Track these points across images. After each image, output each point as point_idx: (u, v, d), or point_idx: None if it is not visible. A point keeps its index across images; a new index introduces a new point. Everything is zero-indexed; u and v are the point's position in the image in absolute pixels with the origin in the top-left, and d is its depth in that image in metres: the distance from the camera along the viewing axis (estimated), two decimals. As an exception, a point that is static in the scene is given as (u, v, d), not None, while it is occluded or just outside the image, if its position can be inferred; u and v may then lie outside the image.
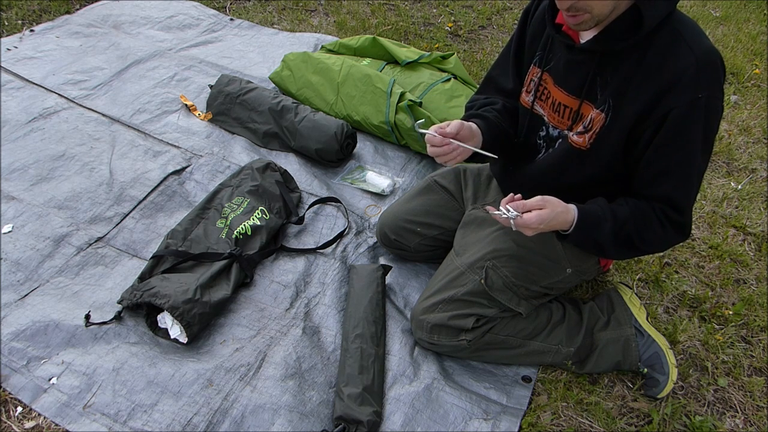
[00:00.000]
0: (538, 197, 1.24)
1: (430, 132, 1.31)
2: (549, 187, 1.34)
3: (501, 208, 1.25)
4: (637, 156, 1.26)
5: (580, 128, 1.31)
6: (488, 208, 1.29)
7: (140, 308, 1.58)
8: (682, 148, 1.20)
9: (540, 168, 1.43)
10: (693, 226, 1.99)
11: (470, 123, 1.38)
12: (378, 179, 2.09)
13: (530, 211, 1.23)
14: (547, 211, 1.22)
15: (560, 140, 1.38)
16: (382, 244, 1.81)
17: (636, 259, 1.85)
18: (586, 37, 1.25)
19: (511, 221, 1.24)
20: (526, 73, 1.44)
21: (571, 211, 1.27)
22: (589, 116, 1.28)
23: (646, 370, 1.49)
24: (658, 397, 1.47)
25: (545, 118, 1.41)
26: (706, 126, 1.19)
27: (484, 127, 1.41)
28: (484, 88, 1.60)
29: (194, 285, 1.55)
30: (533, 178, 1.44)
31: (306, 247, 1.84)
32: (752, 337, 1.66)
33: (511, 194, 1.28)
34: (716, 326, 1.68)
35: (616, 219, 1.27)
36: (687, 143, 1.19)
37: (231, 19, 3.02)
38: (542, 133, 1.43)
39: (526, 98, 1.44)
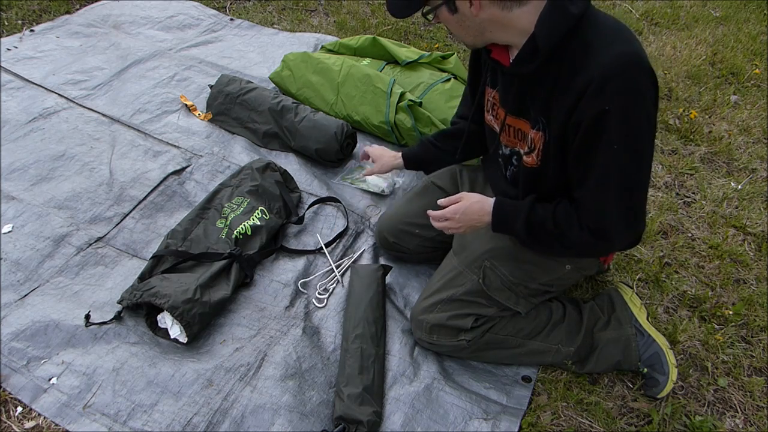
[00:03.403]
0: (459, 194, 1.40)
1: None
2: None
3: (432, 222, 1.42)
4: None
5: (525, 148, 1.33)
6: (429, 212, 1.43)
7: (140, 308, 1.58)
8: (593, 157, 1.19)
9: (512, 183, 1.45)
10: (693, 226, 1.99)
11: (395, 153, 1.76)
12: (378, 179, 2.08)
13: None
14: (461, 204, 1.37)
15: (515, 157, 1.41)
16: (381, 246, 1.81)
17: (636, 258, 1.85)
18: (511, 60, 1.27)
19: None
20: (478, 93, 1.48)
21: (487, 204, 1.37)
22: (529, 136, 1.30)
23: (646, 370, 1.49)
24: (658, 397, 1.47)
25: (501, 138, 1.44)
26: (624, 134, 1.14)
27: (415, 149, 1.74)
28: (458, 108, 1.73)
29: (194, 285, 1.55)
30: (509, 190, 1.47)
31: (306, 248, 1.84)
32: (752, 337, 1.66)
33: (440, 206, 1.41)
34: (716, 326, 1.68)
35: (533, 214, 1.32)
36: (599, 153, 1.18)
37: (231, 19, 3.02)
38: (500, 152, 1.46)
39: (487, 117, 1.48)
